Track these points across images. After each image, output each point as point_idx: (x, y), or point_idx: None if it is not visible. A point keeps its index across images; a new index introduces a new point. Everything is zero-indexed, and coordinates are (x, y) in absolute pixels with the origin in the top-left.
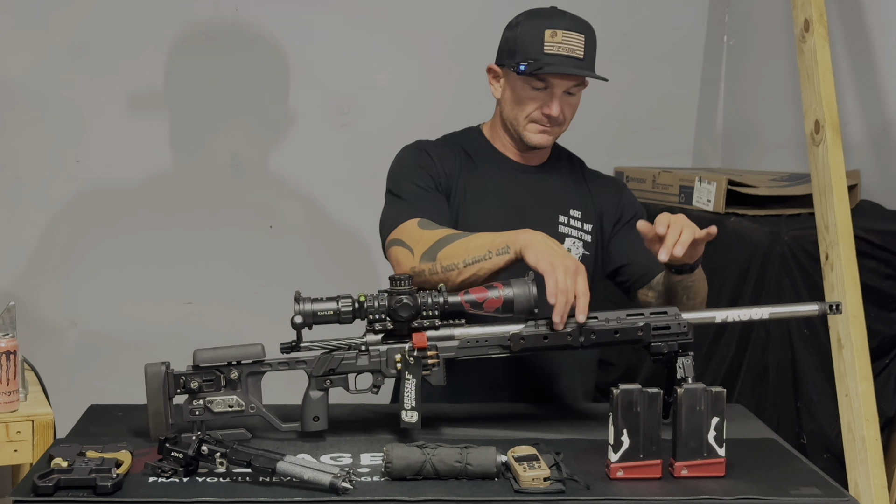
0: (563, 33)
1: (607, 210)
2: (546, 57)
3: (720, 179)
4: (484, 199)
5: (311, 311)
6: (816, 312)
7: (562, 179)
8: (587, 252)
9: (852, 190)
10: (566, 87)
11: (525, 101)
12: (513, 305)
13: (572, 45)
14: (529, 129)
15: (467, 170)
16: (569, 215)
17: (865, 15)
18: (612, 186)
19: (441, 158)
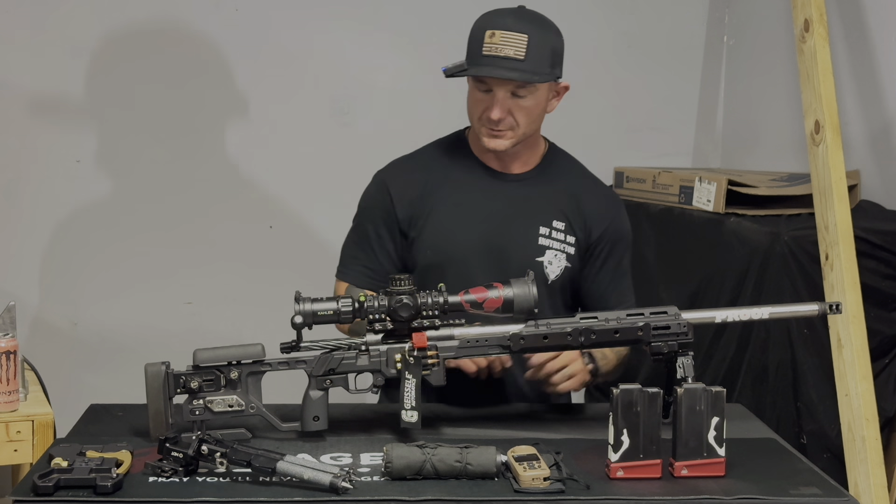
0: (500, 34)
1: (594, 227)
2: (483, 59)
3: (720, 179)
4: (457, 213)
5: (311, 311)
6: (816, 312)
7: (547, 189)
8: (569, 264)
9: (852, 190)
10: (507, 88)
11: (474, 105)
12: (513, 305)
13: (510, 46)
14: (483, 132)
15: (440, 185)
16: (551, 227)
17: (865, 15)
18: (607, 205)
19: (401, 194)
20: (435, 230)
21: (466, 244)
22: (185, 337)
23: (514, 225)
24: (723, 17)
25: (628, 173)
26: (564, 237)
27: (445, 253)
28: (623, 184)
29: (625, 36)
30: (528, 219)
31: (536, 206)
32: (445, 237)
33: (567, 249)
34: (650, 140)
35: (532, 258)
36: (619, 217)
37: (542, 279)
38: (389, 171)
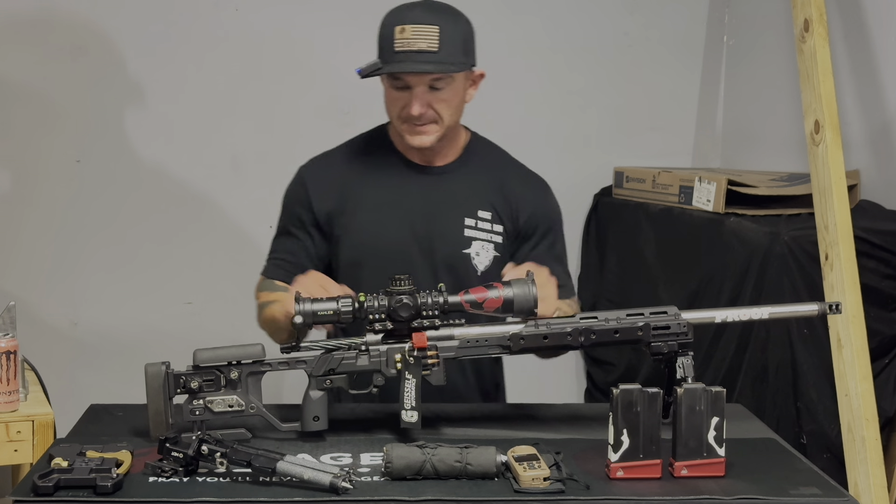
0: (411, 28)
1: (520, 214)
2: (396, 55)
3: (720, 179)
4: (380, 208)
5: (311, 311)
6: (816, 312)
7: (471, 179)
8: (497, 254)
9: (852, 190)
10: (424, 82)
11: (392, 103)
12: (513, 305)
13: (422, 39)
14: (404, 129)
15: (361, 181)
16: (477, 217)
17: (865, 15)
18: (532, 190)
19: (320, 190)
20: (359, 228)
21: (392, 241)
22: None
23: (439, 218)
24: (723, 17)
25: (628, 173)
26: (491, 227)
27: (371, 250)
28: (623, 184)
29: (625, 36)
30: (452, 211)
31: (461, 197)
32: (371, 234)
33: (494, 239)
34: (650, 140)
35: (459, 250)
36: (546, 201)
37: (471, 272)
38: (309, 168)
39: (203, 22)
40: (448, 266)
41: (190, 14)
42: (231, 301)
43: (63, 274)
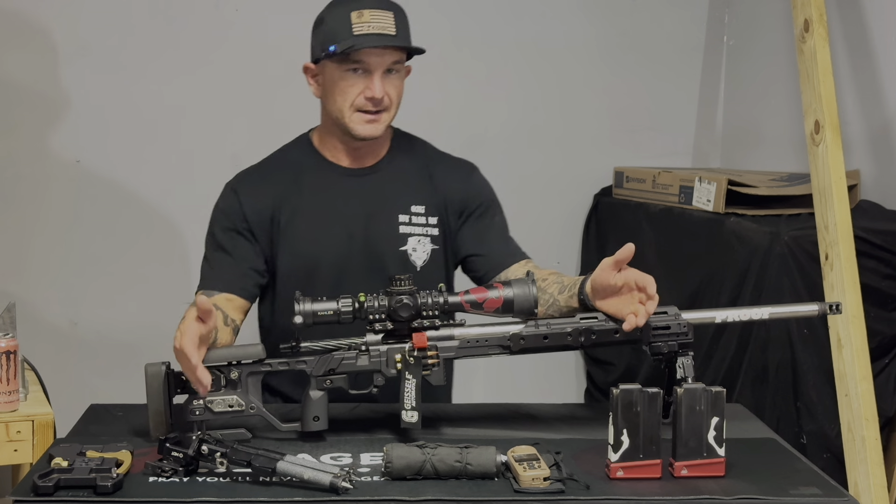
0: (369, 12)
1: (452, 200)
2: (357, 38)
3: (720, 179)
4: (315, 216)
5: (311, 311)
6: (816, 312)
7: (400, 176)
8: (436, 246)
9: (852, 190)
10: (384, 65)
11: (346, 90)
12: (513, 305)
13: (382, 23)
14: (355, 119)
15: (294, 191)
16: (410, 213)
17: (865, 15)
18: (459, 174)
19: (252, 200)
20: (296, 237)
21: (331, 247)
22: None
23: (373, 219)
24: (723, 18)
25: (628, 173)
26: (426, 220)
27: (311, 258)
28: (623, 184)
29: (625, 36)
30: (386, 210)
31: (392, 195)
32: (308, 243)
33: (430, 232)
34: (650, 140)
35: (396, 248)
36: (472, 181)
37: (409, 268)
38: (239, 180)
39: (203, 22)
40: (386, 265)
41: (190, 14)
42: None
43: (63, 274)
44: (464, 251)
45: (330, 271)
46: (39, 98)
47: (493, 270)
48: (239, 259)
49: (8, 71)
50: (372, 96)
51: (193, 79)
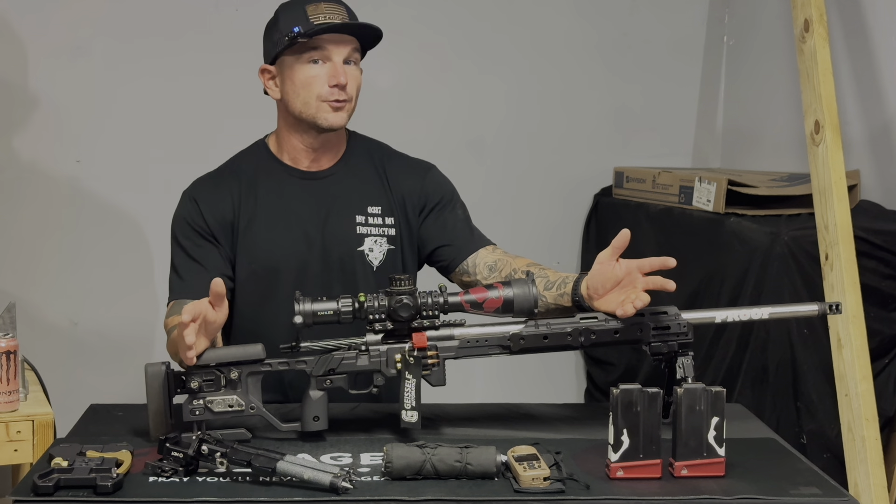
0: (324, 5)
1: (409, 198)
2: (318, 27)
3: (720, 179)
4: (272, 220)
5: (311, 311)
6: (816, 312)
7: (356, 177)
8: (392, 246)
9: (852, 190)
10: (344, 53)
11: (310, 82)
12: (513, 305)
13: (336, 14)
14: (322, 109)
15: (250, 196)
16: (367, 213)
17: (865, 15)
18: (414, 173)
19: (210, 206)
20: (254, 242)
21: (289, 250)
22: None
23: (330, 221)
24: (723, 17)
25: (628, 173)
26: (383, 220)
27: (270, 262)
28: (623, 184)
29: (625, 36)
30: (342, 211)
31: (349, 196)
32: (266, 247)
33: (388, 232)
34: (650, 140)
35: (354, 248)
36: (428, 179)
37: (367, 268)
38: (195, 188)
39: (203, 22)
40: (343, 266)
41: (190, 14)
42: None
43: (63, 274)
44: (429, 244)
45: (289, 275)
46: (39, 98)
47: (459, 258)
48: (208, 266)
49: (8, 71)
50: (337, 83)
51: (193, 79)
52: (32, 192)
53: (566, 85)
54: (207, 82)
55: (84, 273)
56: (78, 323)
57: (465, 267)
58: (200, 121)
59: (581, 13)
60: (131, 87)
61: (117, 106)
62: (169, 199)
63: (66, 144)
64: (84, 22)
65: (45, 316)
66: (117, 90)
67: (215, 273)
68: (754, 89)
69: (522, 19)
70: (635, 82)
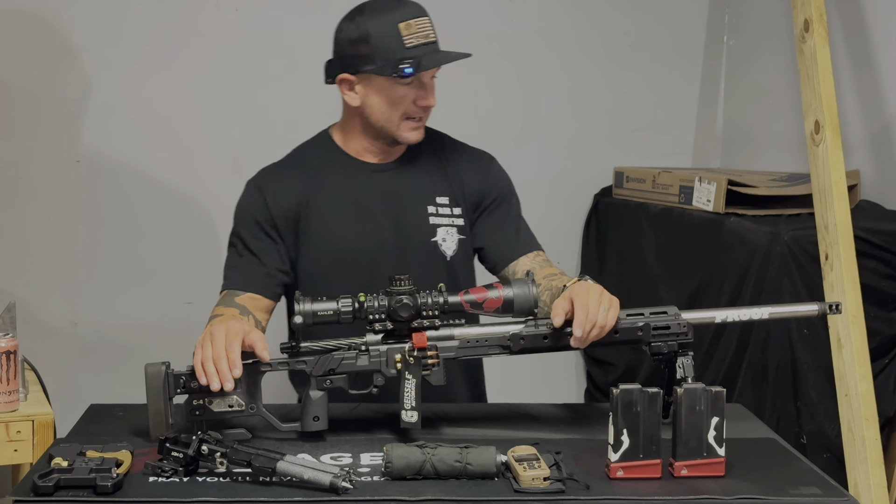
0: (415, 23)
1: (469, 192)
2: (412, 50)
3: (720, 179)
4: (343, 212)
5: (311, 311)
6: (816, 312)
7: (423, 168)
8: (462, 236)
9: (852, 190)
10: (433, 74)
11: (398, 101)
12: (513, 305)
13: (426, 31)
14: (404, 128)
15: (318, 188)
16: (437, 204)
17: (865, 15)
18: (476, 164)
19: (277, 196)
20: (326, 234)
21: (361, 242)
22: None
23: (404, 212)
24: (723, 17)
25: (628, 173)
26: (451, 211)
27: (344, 255)
28: (623, 184)
29: (625, 36)
30: (413, 202)
31: (418, 188)
32: (338, 241)
33: (456, 222)
34: (650, 140)
35: (428, 239)
36: (489, 171)
37: (440, 258)
38: (262, 177)
39: (203, 22)
40: (418, 257)
41: (190, 14)
42: None
43: (63, 274)
44: (477, 241)
45: (362, 267)
46: (39, 98)
47: (502, 262)
48: (265, 259)
49: (8, 71)
50: (426, 105)
51: (193, 78)
52: (32, 192)
53: (566, 85)
54: (207, 82)
55: (84, 273)
56: (78, 323)
57: (506, 273)
58: (200, 120)
59: (581, 13)
60: (131, 87)
61: (117, 106)
62: (168, 199)
63: (66, 144)
64: (84, 21)
65: (45, 316)
66: (117, 90)
67: (271, 268)
68: (754, 89)
69: (522, 19)
70: (635, 82)
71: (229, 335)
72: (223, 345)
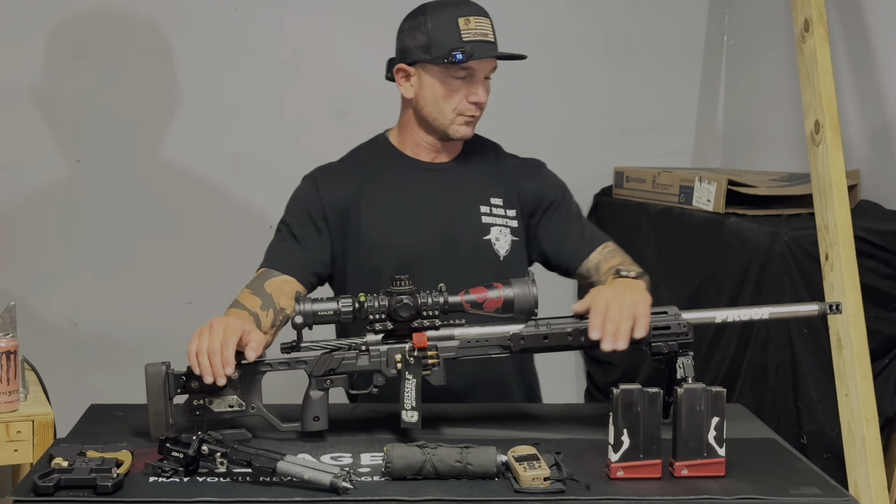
0: (474, 19)
1: (525, 197)
2: (470, 44)
3: (720, 179)
4: (396, 209)
5: (311, 311)
6: (816, 312)
7: (478, 169)
8: (516, 238)
9: (852, 190)
10: (487, 71)
11: (450, 94)
12: (513, 305)
13: (484, 30)
14: (457, 122)
15: (372, 186)
16: (490, 204)
17: (865, 15)
18: (529, 169)
19: (331, 189)
20: (377, 230)
21: (413, 241)
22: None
23: (457, 211)
24: (723, 17)
25: (628, 173)
26: (504, 212)
27: (396, 252)
28: (623, 184)
29: (625, 36)
30: (467, 201)
31: (471, 187)
32: (391, 238)
33: (510, 223)
34: (650, 140)
35: (480, 238)
36: (544, 175)
37: (493, 257)
38: (318, 172)
39: (203, 22)
40: (471, 256)
41: (190, 14)
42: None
43: (63, 274)
44: (547, 247)
45: (412, 263)
46: (39, 98)
47: (574, 264)
48: (306, 246)
49: (8, 71)
50: (477, 101)
51: (193, 78)
52: (32, 192)
53: (566, 84)
54: (207, 82)
55: (84, 273)
56: (78, 323)
57: (582, 272)
58: (200, 120)
59: (581, 13)
60: (131, 87)
61: (117, 106)
62: (168, 199)
63: (66, 144)
64: (84, 22)
65: (45, 316)
66: (117, 90)
67: (310, 255)
68: (754, 89)
69: (522, 19)
70: (635, 82)
71: (227, 331)
72: (219, 340)
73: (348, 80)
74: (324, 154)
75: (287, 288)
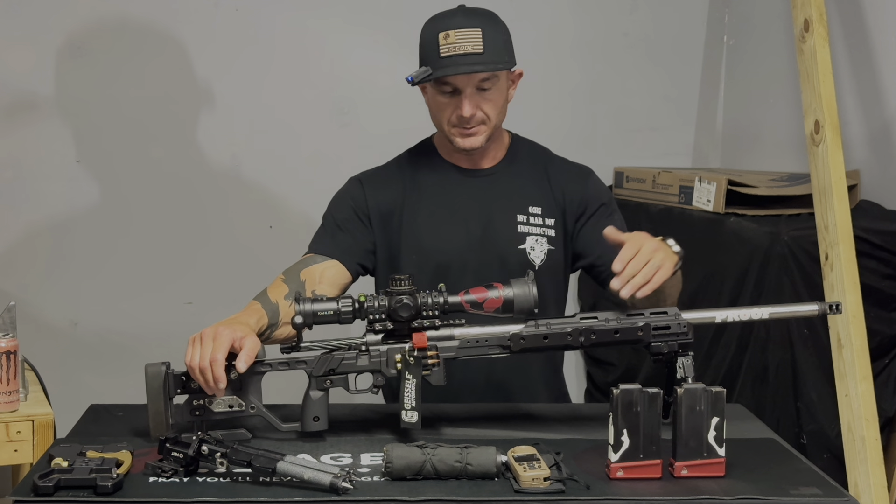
0: (455, 33)
1: (570, 203)
2: (442, 60)
3: (720, 179)
4: (435, 213)
5: (311, 311)
6: (816, 312)
7: (518, 177)
8: (552, 247)
9: (852, 190)
10: (472, 84)
11: (441, 109)
12: (513, 305)
13: (467, 42)
14: (454, 134)
15: (414, 189)
16: (528, 213)
17: (865, 15)
18: (576, 177)
19: (376, 191)
20: (417, 235)
21: (451, 245)
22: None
23: (493, 218)
24: (723, 17)
25: (628, 173)
26: (543, 221)
27: (432, 256)
28: (623, 184)
29: (625, 36)
30: (504, 209)
31: (510, 195)
32: (429, 241)
33: (547, 233)
34: (650, 140)
35: (514, 247)
36: (591, 183)
37: (529, 266)
38: (364, 174)
39: (203, 21)
40: (504, 263)
41: (190, 14)
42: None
43: (63, 274)
44: (587, 253)
45: (448, 267)
46: (39, 98)
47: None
48: (353, 236)
49: (8, 71)
50: (459, 114)
51: (193, 78)
52: (32, 192)
53: (566, 84)
54: (207, 82)
55: (84, 273)
56: (78, 323)
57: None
58: (200, 120)
59: (581, 13)
60: (131, 86)
61: (117, 106)
62: (168, 199)
63: (66, 144)
64: (84, 21)
65: (45, 316)
66: (117, 90)
67: (355, 243)
68: (754, 89)
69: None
70: (635, 82)
71: (216, 344)
72: (207, 356)
73: (348, 80)
74: (324, 154)
75: (329, 274)
